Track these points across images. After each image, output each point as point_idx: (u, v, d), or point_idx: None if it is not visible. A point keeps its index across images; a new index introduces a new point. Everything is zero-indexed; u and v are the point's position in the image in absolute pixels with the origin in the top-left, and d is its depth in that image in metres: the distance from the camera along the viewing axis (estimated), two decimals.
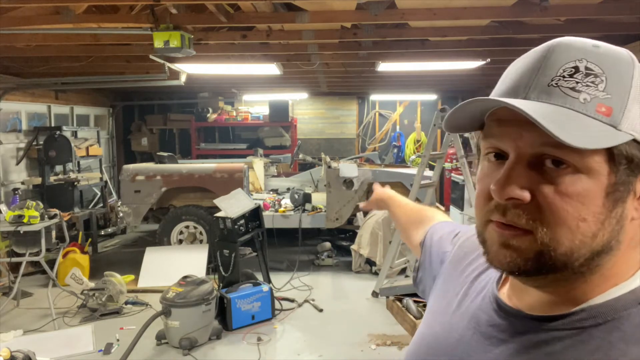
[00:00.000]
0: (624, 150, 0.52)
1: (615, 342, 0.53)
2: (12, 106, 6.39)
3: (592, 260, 0.54)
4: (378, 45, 4.80)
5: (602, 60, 0.53)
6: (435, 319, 0.75)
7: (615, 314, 0.54)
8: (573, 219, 0.53)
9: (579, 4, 3.52)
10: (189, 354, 3.81)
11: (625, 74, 0.53)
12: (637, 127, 0.52)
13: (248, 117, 9.40)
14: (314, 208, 6.13)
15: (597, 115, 0.52)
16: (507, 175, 0.55)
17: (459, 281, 0.76)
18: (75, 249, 5.69)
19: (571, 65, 0.53)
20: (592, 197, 0.52)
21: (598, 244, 0.54)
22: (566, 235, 0.53)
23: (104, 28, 4.07)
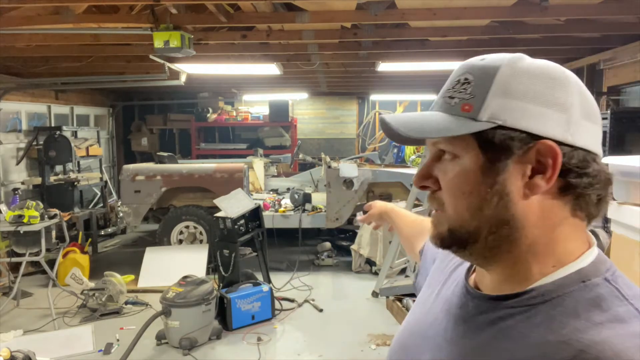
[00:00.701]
0: (486, 135, 0.62)
1: (557, 315, 0.59)
2: (12, 106, 6.39)
3: (496, 233, 0.64)
4: (378, 45, 4.80)
5: (477, 71, 0.65)
6: (418, 307, 0.84)
7: (560, 292, 0.61)
8: (460, 194, 0.65)
9: (579, 4, 3.52)
10: (189, 354, 3.81)
11: (489, 76, 0.64)
12: (501, 116, 0.62)
13: (248, 117, 9.40)
14: (314, 208, 6.13)
15: (462, 112, 0.64)
16: (422, 169, 0.70)
17: (442, 273, 0.83)
18: (75, 249, 5.68)
19: (456, 79, 0.67)
20: (469, 175, 0.64)
21: (488, 216, 0.63)
22: (458, 209, 0.65)
23: (104, 28, 4.08)
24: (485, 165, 0.63)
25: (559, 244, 0.64)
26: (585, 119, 0.63)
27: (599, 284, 0.61)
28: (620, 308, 0.58)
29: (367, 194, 6.14)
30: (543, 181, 0.62)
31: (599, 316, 0.57)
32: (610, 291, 0.60)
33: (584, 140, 0.63)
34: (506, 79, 0.63)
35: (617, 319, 0.57)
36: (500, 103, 0.62)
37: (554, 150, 0.61)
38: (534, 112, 0.62)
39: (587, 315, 0.58)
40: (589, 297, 0.60)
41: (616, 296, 0.59)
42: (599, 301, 0.59)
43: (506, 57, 0.65)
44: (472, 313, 0.68)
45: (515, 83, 0.63)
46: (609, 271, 0.63)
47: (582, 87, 0.65)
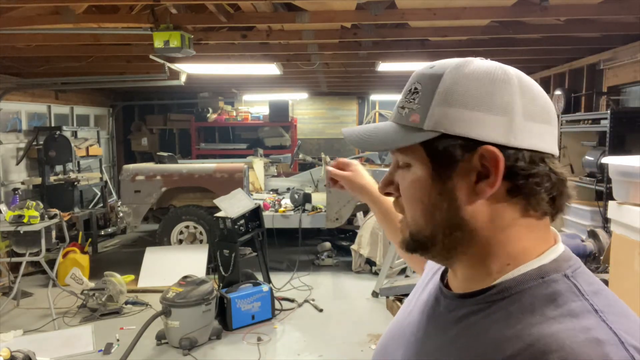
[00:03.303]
0: (431, 144, 0.65)
1: (514, 311, 0.61)
2: (12, 106, 6.39)
3: (450, 236, 0.66)
4: (378, 45, 4.80)
5: (424, 79, 0.67)
6: (401, 310, 0.86)
7: (519, 288, 0.63)
8: (414, 202, 0.68)
9: (579, 4, 3.52)
10: (189, 354, 3.81)
11: (432, 86, 0.65)
12: (444, 124, 0.63)
13: (248, 117, 9.40)
14: (314, 208, 6.13)
15: (410, 123, 0.66)
16: (385, 176, 0.73)
17: (426, 277, 0.86)
18: (75, 249, 5.68)
19: (409, 89, 0.69)
20: (421, 184, 0.67)
21: (440, 221, 0.66)
22: (412, 214, 0.69)
23: (104, 28, 4.07)
24: (434, 173, 0.66)
25: (512, 244, 0.65)
26: (529, 119, 0.63)
27: (558, 280, 0.62)
28: (574, 303, 0.59)
29: None
30: (487, 186, 0.63)
31: (553, 311, 0.58)
32: (567, 287, 0.61)
33: (529, 141, 0.63)
34: (448, 86, 0.64)
35: (569, 314, 0.58)
36: (442, 111, 0.64)
37: (494, 154, 0.61)
38: (474, 118, 0.62)
39: (542, 310, 0.59)
40: (546, 292, 0.61)
41: (573, 292, 0.60)
42: (555, 297, 0.60)
43: (452, 63, 0.66)
44: (442, 312, 0.71)
45: (455, 90, 0.64)
46: (570, 268, 0.64)
47: (527, 88, 0.65)
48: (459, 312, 0.67)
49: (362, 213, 6.13)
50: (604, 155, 3.83)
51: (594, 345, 0.53)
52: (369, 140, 0.70)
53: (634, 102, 4.75)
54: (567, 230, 4.43)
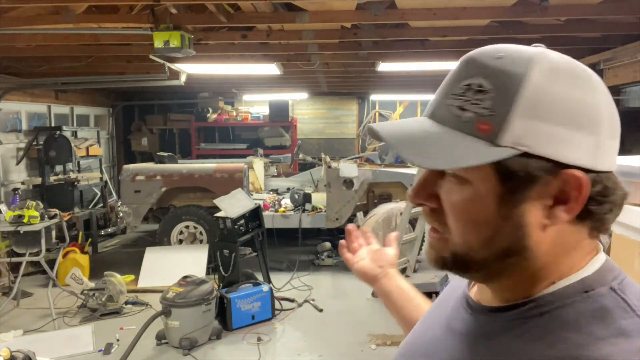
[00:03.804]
0: (507, 163, 0.54)
1: (556, 329, 0.55)
2: (12, 106, 6.39)
3: (503, 261, 0.58)
4: (378, 45, 4.80)
5: (495, 75, 0.55)
6: (419, 325, 0.80)
7: (560, 303, 0.56)
8: (469, 223, 0.57)
9: (579, 4, 3.52)
10: (189, 354, 3.81)
11: (513, 89, 0.54)
12: (526, 141, 0.53)
13: (248, 117, 9.40)
14: (314, 208, 6.13)
15: (477, 133, 0.54)
16: (419, 183, 0.61)
17: (445, 292, 0.81)
18: (75, 249, 5.68)
19: (466, 83, 0.56)
20: (481, 205, 0.56)
21: (499, 247, 0.57)
22: (467, 237, 0.58)
23: (104, 28, 4.07)
24: (503, 196, 0.55)
25: (566, 264, 0.59)
26: (611, 138, 0.57)
27: (604, 294, 0.56)
28: (625, 321, 0.53)
29: (367, 194, 6.14)
30: (564, 213, 0.55)
31: (602, 330, 0.53)
32: (615, 302, 0.55)
33: (609, 162, 0.57)
34: (534, 93, 0.54)
35: (621, 334, 0.52)
36: (526, 125, 0.53)
37: (580, 181, 0.54)
38: (563, 136, 0.54)
39: (588, 329, 0.53)
40: (592, 308, 0.55)
41: (622, 307, 0.55)
42: (603, 313, 0.54)
43: (531, 58, 0.56)
44: (470, 326, 0.64)
45: (543, 99, 0.54)
46: (616, 279, 0.57)
47: (609, 97, 0.58)
48: (490, 327, 0.61)
49: (362, 213, 6.13)
50: None
51: None
52: (426, 153, 0.55)
53: (634, 102, 4.75)
54: None
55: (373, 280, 1.11)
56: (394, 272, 1.10)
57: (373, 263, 1.12)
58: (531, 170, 0.54)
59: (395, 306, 1.06)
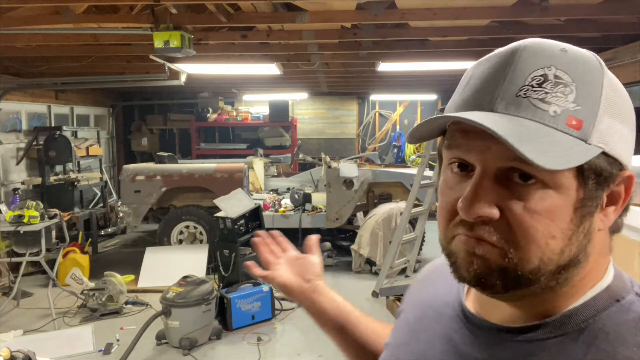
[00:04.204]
0: (593, 164, 0.50)
1: (601, 345, 0.51)
2: (12, 106, 6.39)
3: (559, 275, 0.53)
4: (378, 45, 4.80)
5: (571, 68, 0.51)
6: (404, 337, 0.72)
7: (596, 316, 0.53)
8: (542, 237, 0.51)
9: (579, 4, 3.51)
10: (189, 354, 3.81)
11: (595, 82, 0.51)
12: (607, 139, 0.51)
13: (248, 117, 9.40)
14: (314, 208, 6.13)
15: (567, 129, 0.49)
16: (474, 191, 0.51)
17: (416, 309, 0.74)
18: (75, 249, 5.68)
19: (540, 74, 0.51)
20: (560, 213, 0.51)
21: (565, 259, 0.52)
22: (535, 253, 0.51)
23: (104, 28, 4.07)
24: (580, 202, 0.51)
25: (602, 267, 0.56)
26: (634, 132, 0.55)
27: (634, 301, 0.53)
28: None
29: (367, 194, 6.15)
30: (614, 214, 0.54)
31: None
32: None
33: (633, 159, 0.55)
34: (612, 90, 0.52)
35: None
36: (608, 124, 0.51)
37: (632, 182, 0.52)
38: (627, 136, 0.52)
39: (636, 340, 0.50)
40: (630, 318, 0.52)
41: None
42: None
43: (591, 53, 0.54)
44: (490, 350, 0.57)
45: (616, 98, 0.52)
46: (634, 284, 0.56)
47: None
48: (521, 348, 0.55)
49: (362, 213, 6.13)
50: None
51: None
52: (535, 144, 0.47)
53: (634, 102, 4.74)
54: None
55: (302, 297, 0.94)
56: (323, 284, 0.94)
57: (298, 277, 0.95)
58: (610, 170, 0.51)
59: (333, 324, 0.92)
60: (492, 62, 0.54)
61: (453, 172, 0.56)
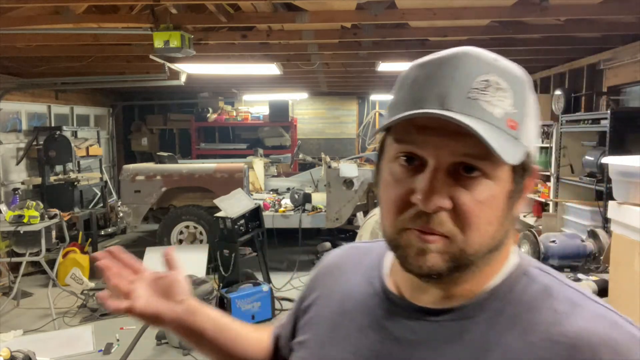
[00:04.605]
0: (522, 160, 0.58)
1: (522, 314, 0.59)
2: (12, 106, 6.39)
3: (488, 256, 0.60)
4: (378, 45, 4.80)
5: (506, 76, 0.57)
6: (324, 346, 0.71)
7: (513, 289, 0.61)
8: (483, 224, 0.57)
9: (579, 4, 3.51)
10: (189, 354, 3.81)
11: (523, 89, 0.58)
12: (530, 139, 0.58)
13: (248, 117, 9.40)
14: (314, 208, 6.13)
15: (508, 129, 0.56)
16: (431, 184, 0.56)
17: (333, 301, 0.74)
18: (75, 249, 5.68)
19: (483, 78, 0.56)
20: (497, 202, 0.58)
21: (495, 243, 0.59)
22: (476, 238, 0.57)
23: (104, 28, 4.07)
24: (512, 192, 0.59)
25: (510, 248, 0.65)
26: None
27: (537, 274, 0.63)
28: (567, 293, 0.60)
29: (367, 194, 6.14)
30: (523, 202, 0.62)
31: (559, 305, 0.59)
32: (549, 279, 0.62)
33: None
34: (531, 94, 0.60)
35: (574, 304, 0.59)
36: (530, 125, 0.59)
37: (537, 173, 0.62)
38: (536, 135, 0.61)
39: (547, 306, 0.59)
40: (539, 288, 0.61)
41: (557, 282, 0.62)
42: (549, 291, 0.61)
43: (517, 66, 0.60)
44: (427, 331, 0.62)
45: (533, 101, 0.60)
46: (531, 260, 0.66)
47: None
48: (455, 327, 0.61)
49: (362, 213, 6.13)
50: (604, 155, 3.83)
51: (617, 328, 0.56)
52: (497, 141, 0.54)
53: (634, 102, 4.75)
54: (567, 230, 4.43)
55: (176, 324, 0.79)
56: (195, 302, 0.82)
57: (166, 301, 0.79)
58: (530, 165, 0.60)
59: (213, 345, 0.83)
60: (436, 65, 0.59)
61: (401, 165, 0.60)
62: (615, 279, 2.38)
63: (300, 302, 0.83)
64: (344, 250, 0.84)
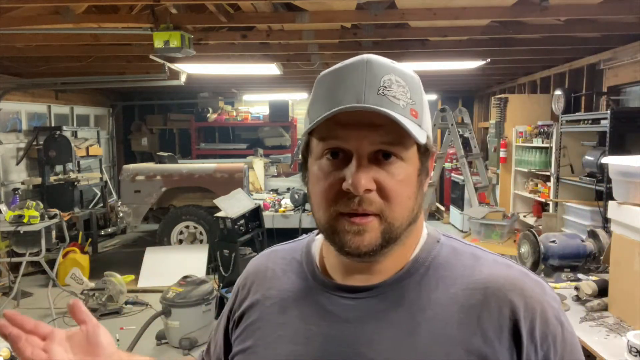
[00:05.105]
0: (424, 143, 0.69)
1: (440, 274, 0.71)
2: (12, 106, 6.39)
3: (408, 228, 0.70)
4: (378, 45, 4.80)
5: (403, 75, 0.68)
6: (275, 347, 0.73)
7: (433, 255, 0.73)
8: (404, 199, 0.68)
9: (579, 4, 3.51)
10: (189, 354, 3.81)
11: (418, 87, 0.70)
12: (427, 126, 0.70)
13: (248, 117, 9.40)
14: None
15: (411, 117, 0.66)
16: (358, 171, 0.65)
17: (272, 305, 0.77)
18: (75, 249, 5.69)
19: (387, 78, 0.66)
20: (411, 179, 0.69)
21: (413, 215, 0.70)
22: (400, 212, 0.68)
23: (104, 28, 4.08)
24: (420, 170, 0.70)
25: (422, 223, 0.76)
26: None
27: (445, 241, 0.76)
28: (470, 249, 0.75)
29: None
30: (427, 181, 0.74)
31: (467, 260, 0.73)
32: (454, 242, 0.76)
33: None
34: (423, 92, 0.71)
35: (477, 257, 0.73)
36: (427, 116, 0.71)
37: (434, 156, 0.75)
38: (429, 121, 0.72)
39: (460, 263, 0.72)
40: (449, 250, 0.74)
41: (460, 243, 0.76)
42: (456, 251, 0.74)
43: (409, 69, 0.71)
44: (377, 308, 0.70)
45: (426, 99, 0.72)
46: (437, 229, 0.79)
47: None
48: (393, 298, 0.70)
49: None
50: (604, 155, 3.83)
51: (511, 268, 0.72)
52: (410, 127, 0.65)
53: (634, 102, 4.75)
54: (567, 230, 4.43)
55: None
56: (124, 353, 0.75)
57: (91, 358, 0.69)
58: (431, 148, 0.72)
59: None
60: (347, 71, 0.68)
61: (327, 160, 0.68)
62: (615, 279, 2.38)
63: (231, 314, 0.84)
64: (267, 254, 0.88)
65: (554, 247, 3.02)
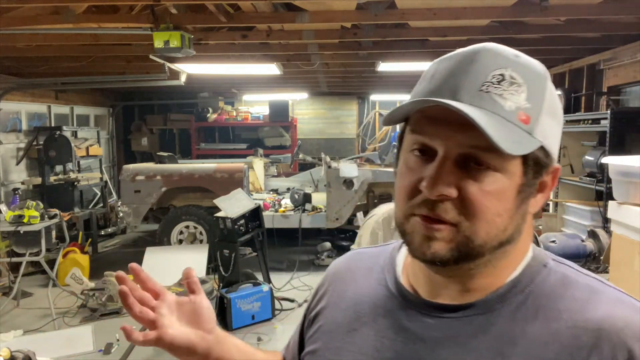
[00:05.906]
0: (534, 155, 0.59)
1: (547, 303, 0.61)
2: (12, 106, 6.39)
3: (499, 249, 0.61)
4: (378, 45, 4.80)
5: (523, 71, 0.58)
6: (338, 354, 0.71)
7: (534, 281, 0.63)
8: (491, 215, 0.58)
9: (579, 4, 3.52)
10: None
11: (541, 86, 0.59)
12: (546, 135, 0.59)
13: (248, 117, 9.40)
14: (314, 208, 6.13)
15: (518, 122, 0.57)
16: (437, 172, 0.58)
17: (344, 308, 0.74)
18: (75, 249, 5.68)
19: (498, 73, 0.58)
20: (507, 195, 0.59)
21: (506, 236, 0.60)
22: (484, 228, 0.58)
23: (104, 28, 4.07)
24: (522, 186, 0.60)
25: (528, 244, 0.67)
26: None
27: (553, 265, 0.65)
28: (585, 280, 0.63)
29: (367, 194, 6.15)
30: (542, 200, 0.63)
31: (580, 292, 0.61)
32: (565, 269, 0.64)
33: None
34: (552, 93, 0.60)
35: (593, 292, 0.61)
36: (548, 122, 0.59)
37: (559, 174, 0.64)
38: (558, 135, 0.62)
39: (569, 294, 0.61)
40: (558, 278, 0.63)
41: (574, 271, 0.64)
42: (568, 280, 0.63)
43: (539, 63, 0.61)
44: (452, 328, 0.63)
45: (555, 101, 0.61)
46: (547, 254, 0.68)
47: None
48: (478, 320, 0.62)
49: (362, 213, 6.12)
50: (604, 155, 3.83)
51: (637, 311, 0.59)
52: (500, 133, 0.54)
53: (634, 102, 4.75)
54: (567, 230, 4.43)
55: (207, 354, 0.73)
56: (221, 331, 0.76)
57: (195, 329, 0.72)
58: (545, 162, 0.61)
59: None
60: (456, 60, 0.61)
61: (415, 156, 0.62)
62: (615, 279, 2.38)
63: (307, 313, 0.83)
64: (350, 256, 0.84)
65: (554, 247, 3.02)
